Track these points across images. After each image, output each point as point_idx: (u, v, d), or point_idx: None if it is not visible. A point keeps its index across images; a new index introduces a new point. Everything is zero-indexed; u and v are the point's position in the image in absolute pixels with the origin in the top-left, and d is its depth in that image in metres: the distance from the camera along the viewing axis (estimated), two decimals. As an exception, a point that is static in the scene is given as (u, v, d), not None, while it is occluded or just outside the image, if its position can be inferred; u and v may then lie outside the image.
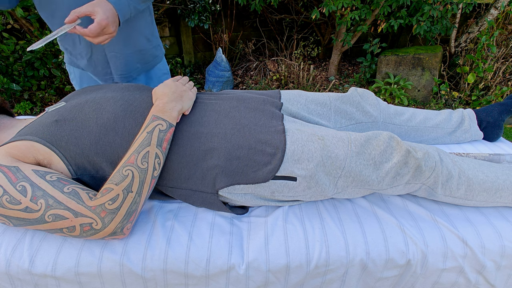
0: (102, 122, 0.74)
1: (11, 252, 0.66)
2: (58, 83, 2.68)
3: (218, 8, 3.16)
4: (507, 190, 0.79)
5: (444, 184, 0.77)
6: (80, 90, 0.89)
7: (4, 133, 0.79)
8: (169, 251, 0.68)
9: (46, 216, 0.60)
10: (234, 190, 0.74)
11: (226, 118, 0.80)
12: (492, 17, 2.88)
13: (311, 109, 0.96)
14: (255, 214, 0.78)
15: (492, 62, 2.80)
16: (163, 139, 0.71)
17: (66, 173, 0.71)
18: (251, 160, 0.73)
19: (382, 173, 0.75)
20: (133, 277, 0.67)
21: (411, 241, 0.72)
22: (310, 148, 0.74)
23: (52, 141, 0.70)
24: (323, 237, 0.71)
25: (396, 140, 0.77)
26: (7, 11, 2.17)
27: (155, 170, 0.68)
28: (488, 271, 0.73)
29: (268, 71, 3.37)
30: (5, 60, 2.47)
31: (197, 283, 0.69)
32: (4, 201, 0.60)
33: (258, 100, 0.88)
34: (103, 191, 0.63)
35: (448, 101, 2.93)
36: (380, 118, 1.00)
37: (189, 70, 3.47)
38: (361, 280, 0.73)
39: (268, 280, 0.69)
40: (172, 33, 3.45)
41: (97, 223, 0.61)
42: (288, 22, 3.61)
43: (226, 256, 0.68)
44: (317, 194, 0.77)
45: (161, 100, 0.77)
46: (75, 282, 0.67)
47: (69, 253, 0.66)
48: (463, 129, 1.07)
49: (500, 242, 0.73)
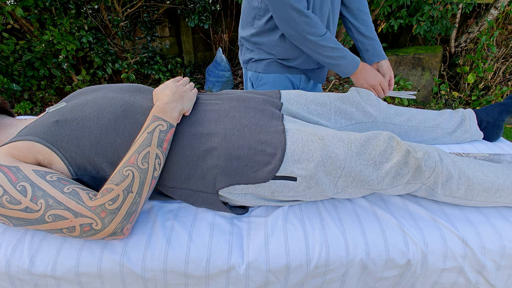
0: (103, 123, 0.74)
1: (11, 252, 0.66)
2: (58, 83, 2.68)
3: (218, 8, 3.16)
4: (507, 190, 0.79)
5: (444, 184, 0.77)
6: (81, 90, 0.90)
7: (5, 133, 0.79)
8: (169, 251, 0.68)
9: (46, 216, 0.60)
10: (234, 190, 0.74)
11: (226, 118, 0.80)
12: (492, 17, 2.88)
13: (311, 109, 0.97)
14: (255, 214, 0.78)
15: (492, 62, 2.80)
16: (164, 139, 0.71)
17: (67, 173, 0.71)
18: (251, 160, 0.73)
19: (382, 173, 0.75)
20: (133, 277, 0.67)
21: (411, 241, 0.72)
22: (310, 148, 0.74)
23: (53, 142, 0.70)
24: (323, 237, 0.72)
25: (396, 140, 0.77)
26: (7, 11, 2.17)
27: (155, 170, 0.69)
28: (488, 271, 0.73)
29: (268, 71, 3.36)
30: (5, 60, 2.47)
31: (197, 283, 0.69)
32: (4, 201, 0.60)
33: (258, 100, 0.88)
34: (103, 191, 0.63)
35: (448, 101, 2.93)
36: (380, 118, 1.00)
37: (189, 70, 3.47)
38: (361, 280, 0.73)
39: (268, 280, 0.69)
40: (172, 33, 3.45)
41: (97, 224, 0.61)
42: (288, 22, 3.60)
43: (226, 256, 0.68)
44: (317, 194, 0.77)
45: (162, 101, 0.77)
46: (75, 282, 0.67)
47: (69, 253, 0.66)
48: (463, 129, 1.07)
49: (500, 242, 0.73)
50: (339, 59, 1.07)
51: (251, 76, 1.27)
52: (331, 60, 1.07)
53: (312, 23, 1.02)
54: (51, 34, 2.31)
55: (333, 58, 1.07)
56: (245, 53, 1.25)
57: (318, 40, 1.03)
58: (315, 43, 1.04)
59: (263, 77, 1.23)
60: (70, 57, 2.52)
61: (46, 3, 2.27)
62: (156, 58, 2.99)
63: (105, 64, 2.67)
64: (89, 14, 2.54)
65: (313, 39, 1.03)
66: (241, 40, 1.25)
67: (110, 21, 2.61)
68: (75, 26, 2.42)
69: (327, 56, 1.06)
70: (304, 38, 1.04)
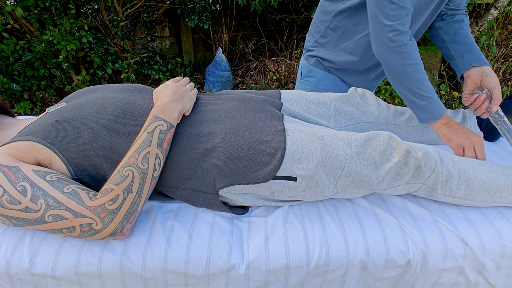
0: (103, 123, 0.74)
1: (11, 252, 0.66)
2: (58, 83, 2.68)
3: (218, 8, 3.16)
4: (507, 190, 0.79)
5: (444, 184, 0.77)
6: (81, 90, 0.90)
7: (5, 133, 0.79)
8: (169, 251, 0.68)
9: (46, 216, 0.60)
10: (234, 190, 0.74)
11: (226, 118, 0.80)
12: (492, 17, 2.88)
13: (311, 109, 0.96)
14: (255, 214, 0.78)
15: (492, 62, 2.80)
16: (164, 139, 0.71)
17: (67, 173, 0.71)
18: (251, 160, 0.73)
19: (382, 173, 0.75)
20: (133, 277, 0.67)
21: (411, 241, 0.72)
22: (310, 148, 0.74)
23: (53, 142, 0.70)
24: (323, 237, 0.71)
25: (396, 140, 0.77)
26: (7, 11, 2.17)
27: (155, 170, 0.69)
28: (488, 271, 0.73)
29: (268, 71, 3.37)
30: (5, 60, 2.47)
31: (197, 283, 0.69)
32: (4, 201, 0.60)
33: (258, 100, 0.88)
34: (103, 191, 0.63)
35: (448, 101, 2.93)
36: (380, 118, 1.00)
37: (189, 70, 3.47)
38: (361, 280, 0.73)
39: (268, 280, 0.69)
40: (172, 33, 3.45)
41: (97, 224, 0.61)
42: (288, 22, 3.61)
43: (226, 256, 0.68)
44: (317, 194, 0.77)
45: (162, 101, 0.77)
46: (75, 282, 0.67)
47: (69, 253, 0.66)
48: (463, 129, 1.07)
49: (500, 242, 0.73)
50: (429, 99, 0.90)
51: (303, 65, 1.25)
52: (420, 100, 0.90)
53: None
54: (51, 34, 2.31)
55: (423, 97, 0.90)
56: (311, 42, 1.20)
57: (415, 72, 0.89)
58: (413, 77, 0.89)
59: (313, 70, 1.20)
60: (70, 57, 2.52)
61: (46, 3, 2.26)
62: (156, 58, 2.99)
63: (105, 64, 2.67)
64: (89, 14, 2.54)
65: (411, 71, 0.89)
66: (318, 25, 1.15)
67: (110, 21, 2.61)
68: (75, 26, 2.42)
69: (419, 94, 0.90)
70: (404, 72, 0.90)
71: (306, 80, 1.25)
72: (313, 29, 1.18)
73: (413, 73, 0.89)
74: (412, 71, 0.89)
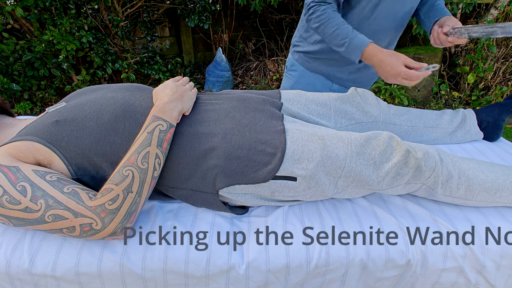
0: (103, 123, 0.74)
1: (11, 252, 0.66)
2: (58, 83, 2.68)
3: (218, 8, 3.16)
4: (507, 190, 0.79)
5: (444, 184, 0.77)
6: (81, 90, 0.90)
7: (4, 133, 0.79)
8: (169, 251, 0.68)
9: (46, 216, 0.60)
10: (234, 190, 0.74)
11: (226, 118, 0.80)
12: (492, 17, 2.88)
13: (311, 109, 0.96)
14: (255, 214, 0.78)
15: (492, 62, 2.80)
16: (164, 139, 0.71)
17: (66, 173, 0.71)
18: (251, 160, 0.73)
19: (382, 173, 0.75)
20: (133, 277, 0.67)
21: (411, 241, 0.72)
22: (310, 148, 0.74)
23: (53, 141, 0.70)
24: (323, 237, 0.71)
25: (396, 140, 0.77)
26: (7, 11, 2.17)
27: (155, 170, 0.68)
28: (488, 271, 0.73)
29: (268, 71, 3.37)
30: (5, 60, 2.47)
31: (197, 283, 0.69)
32: (4, 201, 0.60)
33: (258, 100, 0.88)
34: (103, 191, 0.63)
35: (448, 101, 2.93)
36: (380, 118, 1.00)
37: (189, 70, 3.47)
38: (361, 280, 0.73)
39: (268, 280, 0.69)
40: (172, 33, 3.45)
41: (97, 224, 0.61)
42: (288, 22, 3.61)
43: (226, 256, 0.68)
44: (317, 194, 0.77)
45: (162, 101, 0.77)
46: (75, 282, 0.67)
47: (69, 253, 0.66)
48: (463, 129, 1.07)
49: (500, 242, 0.73)
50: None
51: (288, 60, 1.31)
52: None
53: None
54: (51, 34, 2.31)
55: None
56: (297, 37, 1.27)
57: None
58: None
59: (295, 64, 1.26)
60: (70, 57, 2.52)
61: (46, 3, 2.26)
62: (156, 58, 2.99)
63: (105, 64, 2.67)
64: (89, 14, 2.54)
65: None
66: (302, 20, 1.25)
67: (110, 21, 2.61)
68: (75, 26, 2.42)
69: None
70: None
71: (290, 74, 1.30)
72: (300, 24, 1.25)
73: (325, 30, 1.01)
74: (323, 29, 1.01)
